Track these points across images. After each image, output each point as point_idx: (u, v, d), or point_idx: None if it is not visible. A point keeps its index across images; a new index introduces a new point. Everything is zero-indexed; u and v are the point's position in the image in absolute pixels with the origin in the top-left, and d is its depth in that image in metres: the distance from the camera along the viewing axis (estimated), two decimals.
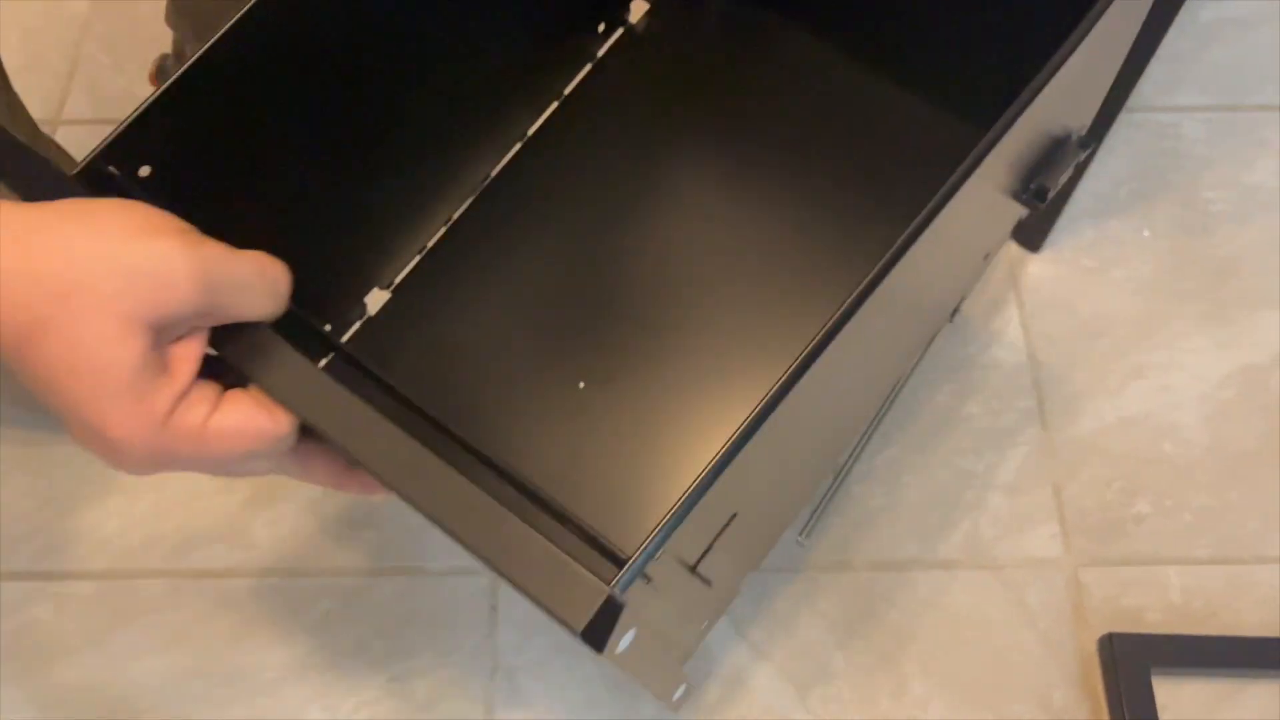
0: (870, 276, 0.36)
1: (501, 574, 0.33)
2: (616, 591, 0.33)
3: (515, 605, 0.73)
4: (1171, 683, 0.69)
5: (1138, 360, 0.81)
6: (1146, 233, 0.86)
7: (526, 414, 0.55)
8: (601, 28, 0.65)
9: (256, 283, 0.37)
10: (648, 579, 0.34)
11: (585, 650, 0.33)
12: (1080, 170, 0.77)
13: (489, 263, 0.60)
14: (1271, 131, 0.90)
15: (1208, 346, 0.81)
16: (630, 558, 0.33)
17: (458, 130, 0.58)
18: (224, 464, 0.37)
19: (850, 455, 0.75)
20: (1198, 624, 0.72)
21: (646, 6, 0.68)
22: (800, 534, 0.73)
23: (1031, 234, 0.85)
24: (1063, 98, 0.44)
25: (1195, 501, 0.75)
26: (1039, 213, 0.62)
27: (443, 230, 0.60)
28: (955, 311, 0.70)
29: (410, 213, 0.58)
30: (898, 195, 0.43)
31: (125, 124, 0.38)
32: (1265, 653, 0.70)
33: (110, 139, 0.38)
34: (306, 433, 0.38)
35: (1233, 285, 0.83)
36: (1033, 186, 0.54)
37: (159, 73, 0.80)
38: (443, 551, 0.75)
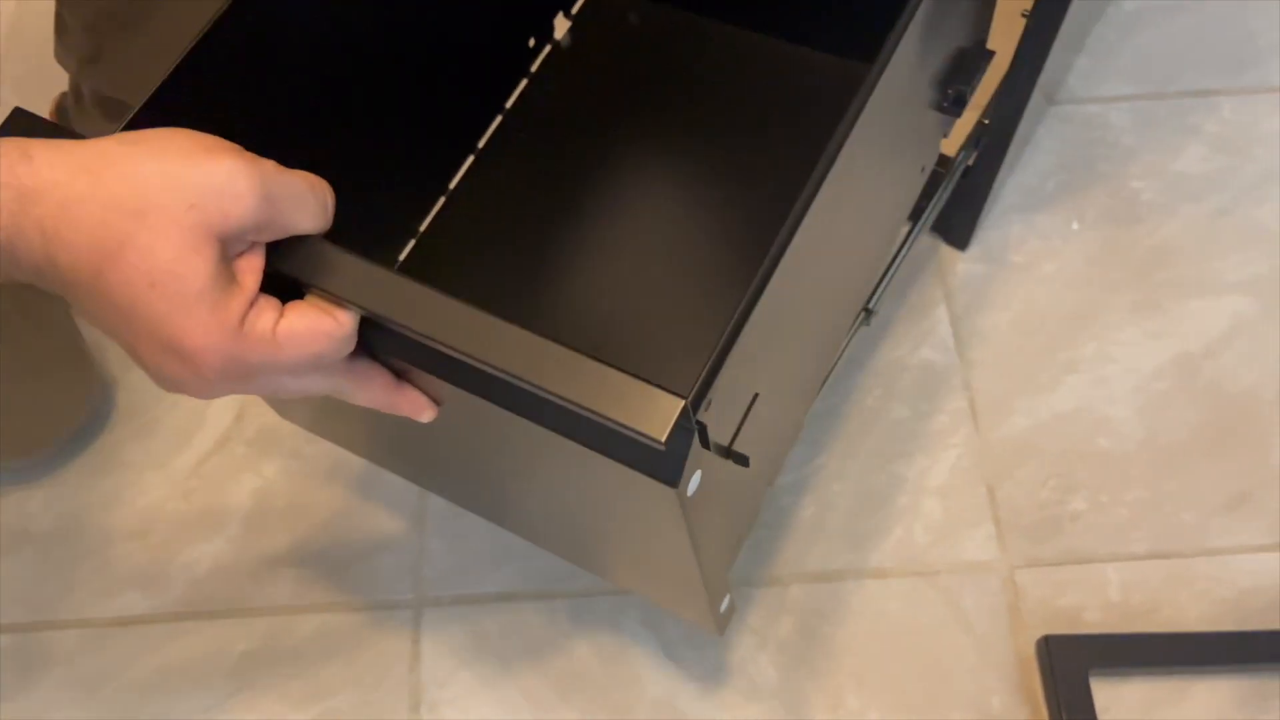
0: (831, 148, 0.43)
1: (582, 408, 0.35)
2: (690, 407, 0.35)
3: (439, 639, 0.71)
4: (1112, 684, 0.67)
5: (1070, 355, 0.79)
6: (1076, 225, 0.84)
7: None
8: (531, 42, 0.72)
9: (309, 195, 0.38)
10: (708, 407, 0.38)
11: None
12: (998, 159, 0.76)
13: (456, 272, 0.67)
14: (1197, 117, 0.89)
15: (1139, 337, 0.79)
16: (696, 382, 0.37)
17: (414, 149, 0.65)
18: (292, 370, 0.38)
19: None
20: (1138, 621, 0.70)
21: (569, 24, 0.74)
22: None
23: (959, 231, 0.83)
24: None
25: (1131, 495, 0.74)
26: (957, 115, 0.65)
27: (411, 244, 0.67)
28: (870, 313, 0.69)
29: (382, 229, 0.65)
30: (820, 131, 0.47)
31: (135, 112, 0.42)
32: (1209, 648, 0.69)
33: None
34: (363, 350, 0.41)
35: (1162, 274, 0.82)
36: (950, 93, 0.61)
37: (58, 111, 0.79)
38: (365, 585, 0.73)
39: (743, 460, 0.45)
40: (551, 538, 0.63)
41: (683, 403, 0.35)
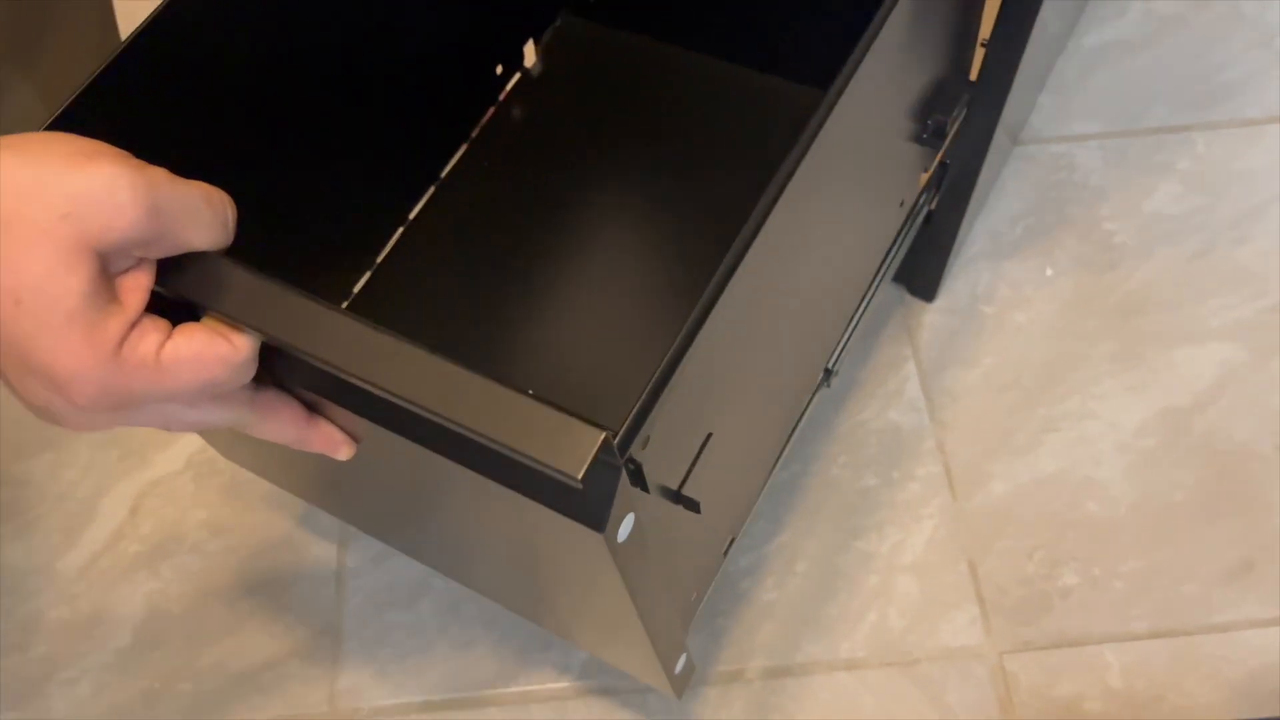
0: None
1: (493, 441, 0.32)
2: (614, 441, 0.32)
3: None
4: None
5: (1048, 412, 0.73)
6: (1049, 271, 0.79)
7: None
8: (500, 69, 0.70)
9: (204, 207, 0.35)
10: (644, 444, 0.35)
11: None
12: (963, 202, 0.70)
13: (410, 305, 0.65)
14: (1168, 154, 0.84)
15: (1120, 391, 0.73)
16: (627, 417, 0.34)
17: (374, 178, 0.63)
18: (183, 399, 0.35)
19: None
20: (1144, 710, 0.63)
21: (538, 51, 0.73)
22: None
23: (924, 281, 0.77)
24: (911, 35, 0.48)
25: (1125, 567, 0.67)
26: (937, 148, 0.62)
27: (368, 275, 0.65)
28: (831, 374, 0.62)
29: (338, 259, 0.63)
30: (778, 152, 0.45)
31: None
32: None
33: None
34: (268, 379, 0.38)
35: (1141, 322, 0.76)
36: (930, 123, 0.57)
37: None
38: (275, 699, 0.65)
39: (693, 506, 0.41)
40: (495, 587, 0.58)
41: (601, 435, 0.31)
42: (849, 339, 0.64)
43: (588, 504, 0.35)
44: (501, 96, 0.71)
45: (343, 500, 0.58)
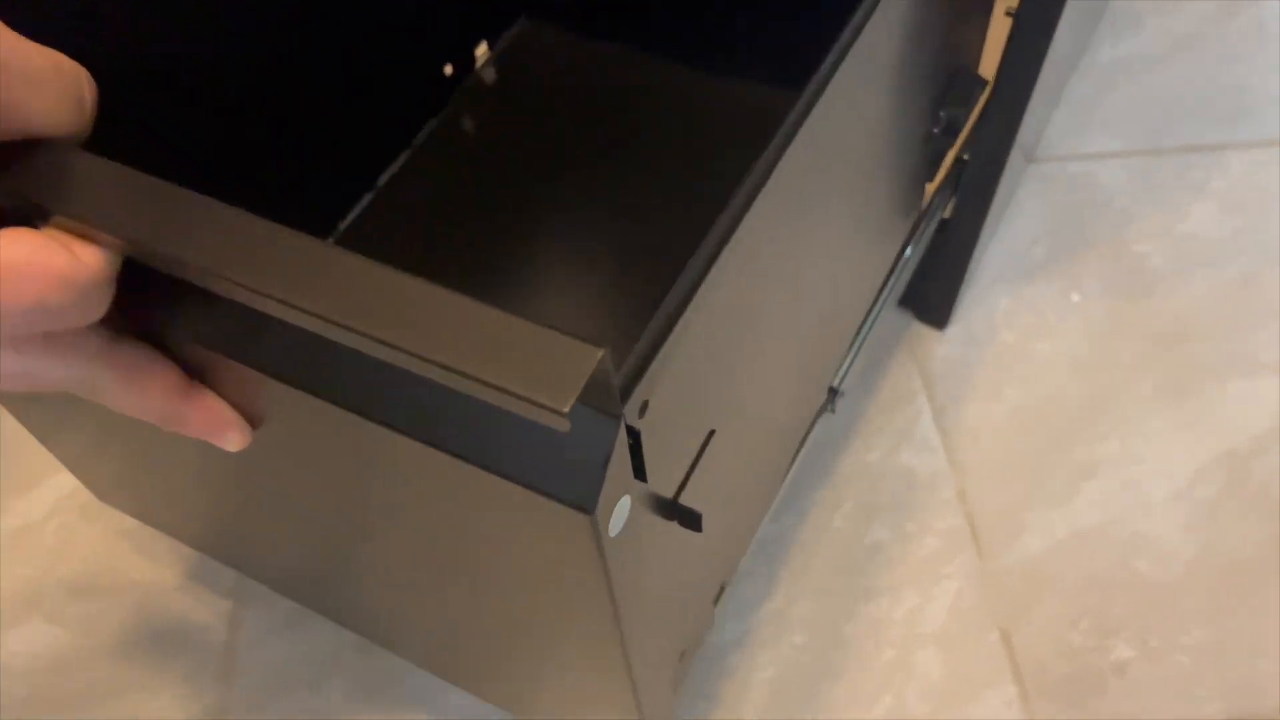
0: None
1: (443, 366, 0.21)
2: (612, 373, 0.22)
3: None
4: None
5: (1087, 454, 0.62)
6: (1076, 297, 0.69)
7: None
8: (449, 70, 0.62)
9: (51, 79, 0.27)
10: (641, 409, 0.26)
11: None
12: (980, 212, 0.60)
13: None
14: (1201, 174, 0.75)
15: (1170, 430, 0.63)
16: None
17: (302, 185, 0.54)
18: (6, 334, 0.26)
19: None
20: None
21: (491, 55, 0.64)
22: None
23: (936, 305, 0.67)
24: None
25: (1189, 638, 0.55)
26: (949, 145, 0.55)
27: None
28: (837, 395, 0.51)
29: None
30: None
31: None
32: None
33: None
34: (131, 327, 0.29)
35: (1185, 352, 0.66)
36: (942, 116, 0.50)
37: None
38: None
39: (692, 521, 0.32)
40: (432, 644, 0.46)
41: (599, 353, 0.21)
42: (855, 354, 0.53)
43: (574, 472, 0.24)
44: (450, 101, 0.63)
45: (241, 539, 0.46)
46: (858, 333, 0.54)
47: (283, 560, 0.46)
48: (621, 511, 0.25)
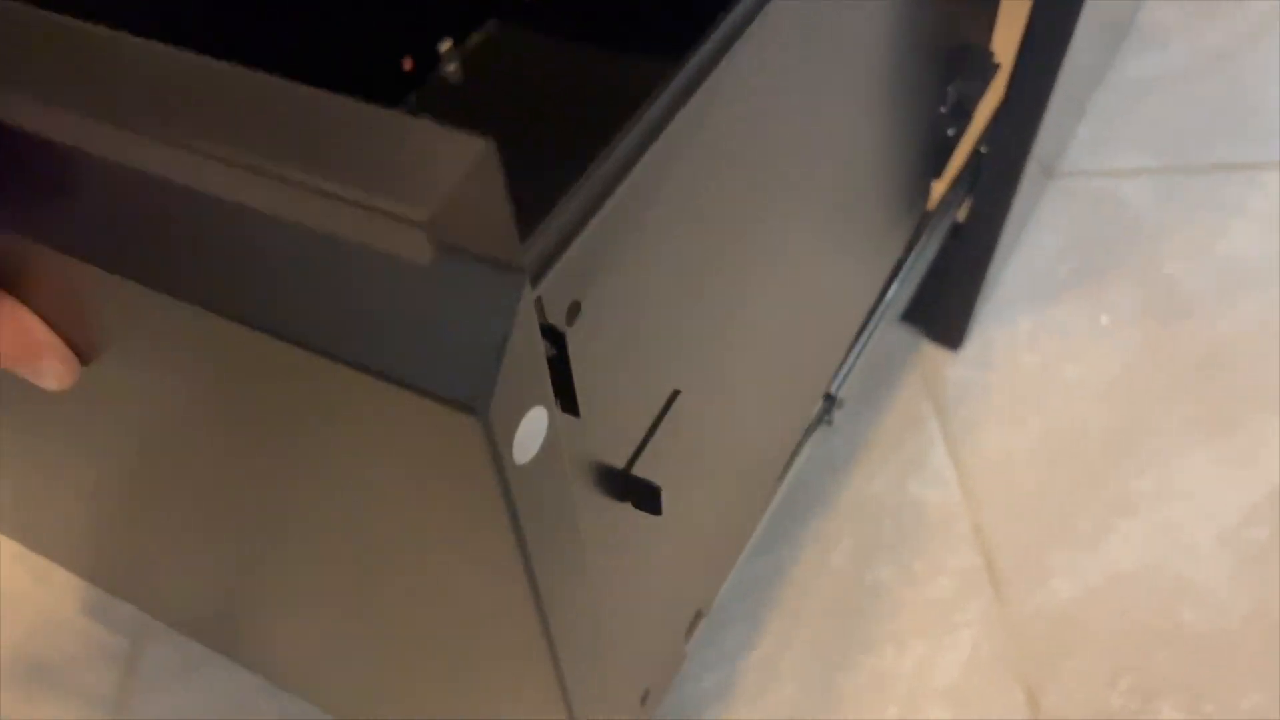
0: None
1: (262, 166, 0.14)
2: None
3: None
4: None
5: (1119, 491, 0.54)
6: (1105, 319, 0.62)
7: None
8: (409, 66, 0.56)
9: None
10: (571, 313, 0.20)
11: None
12: (997, 220, 0.54)
13: None
14: (1235, 192, 0.68)
15: (1213, 465, 0.55)
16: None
17: None
18: None
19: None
20: None
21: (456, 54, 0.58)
22: None
23: (949, 323, 0.60)
24: None
25: (1247, 700, 0.47)
26: (960, 127, 0.48)
27: None
28: (834, 403, 0.44)
29: None
30: None
31: None
32: None
33: None
34: None
35: (1229, 381, 0.59)
36: (951, 91, 0.44)
37: None
38: None
39: (650, 499, 0.26)
40: (323, 666, 0.37)
41: (480, 143, 0.14)
42: (855, 360, 0.46)
43: (456, 355, 0.16)
44: (411, 99, 0.57)
45: (122, 556, 0.39)
46: (858, 337, 0.47)
47: (164, 578, 0.38)
48: (533, 430, 0.18)
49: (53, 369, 0.24)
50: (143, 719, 0.47)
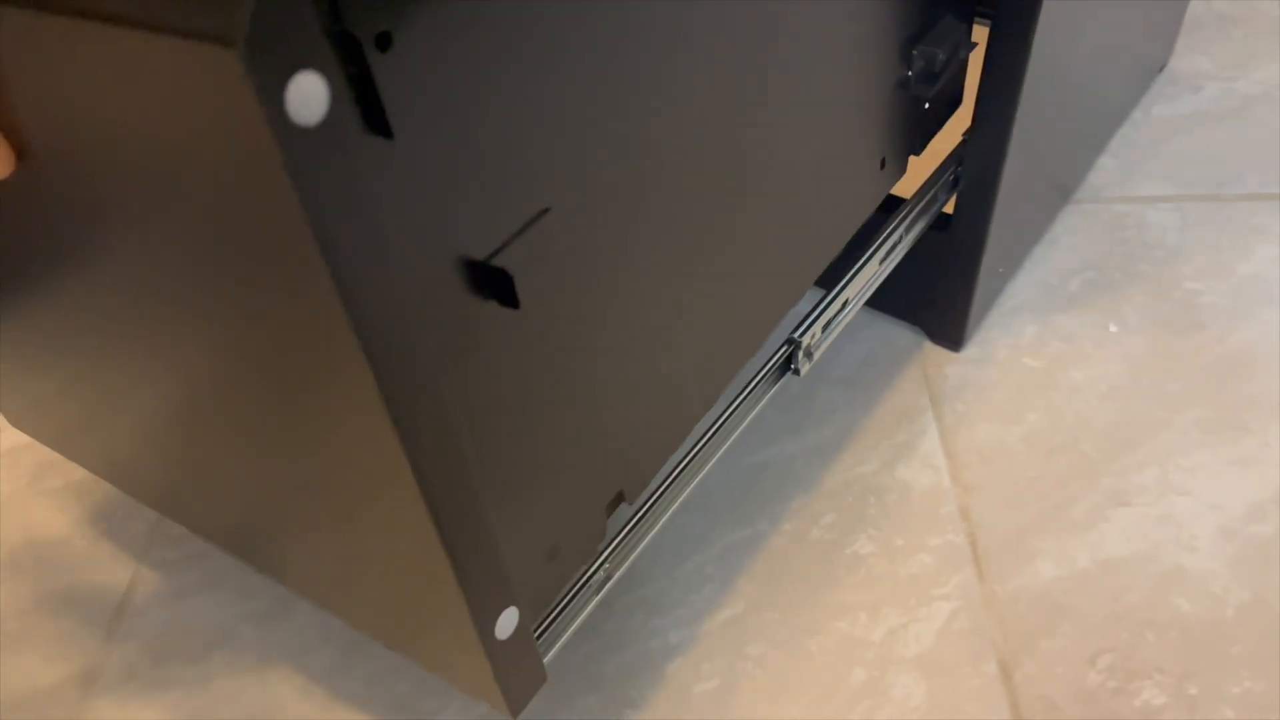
0: None
1: None
2: None
3: None
4: None
5: (1117, 483, 0.53)
6: (1114, 328, 0.61)
7: None
8: None
9: None
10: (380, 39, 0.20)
11: None
12: (984, 210, 0.54)
13: None
14: (1263, 219, 0.68)
15: (1219, 464, 0.53)
16: None
17: None
18: None
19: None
20: None
21: None
22: None
23: (947, 326, 0.60)
24: None
25: (1237, 687, 0.45)
26: (926, 94, 0.49)
27: None
28: (798, 349, 0.45)
29: None
30: None
31: None
32: None
33: None
34: None
35: (1240, 387, 0.57)
36: (916, 54, 0.45)
37: None
38: None
39: (506, 293, 0.27)
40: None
41: None
42: (829, 320, 0.47)
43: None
44: None
45: (111, 436, 0.41)
46: (828, 294, 0.48)
47: (129, 433, 0.40)
48: (310, 94, 0.19)
49: None
50: (136, 635, 0.49)
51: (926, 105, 0.50)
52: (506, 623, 0.31)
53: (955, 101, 0.53)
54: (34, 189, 0.28)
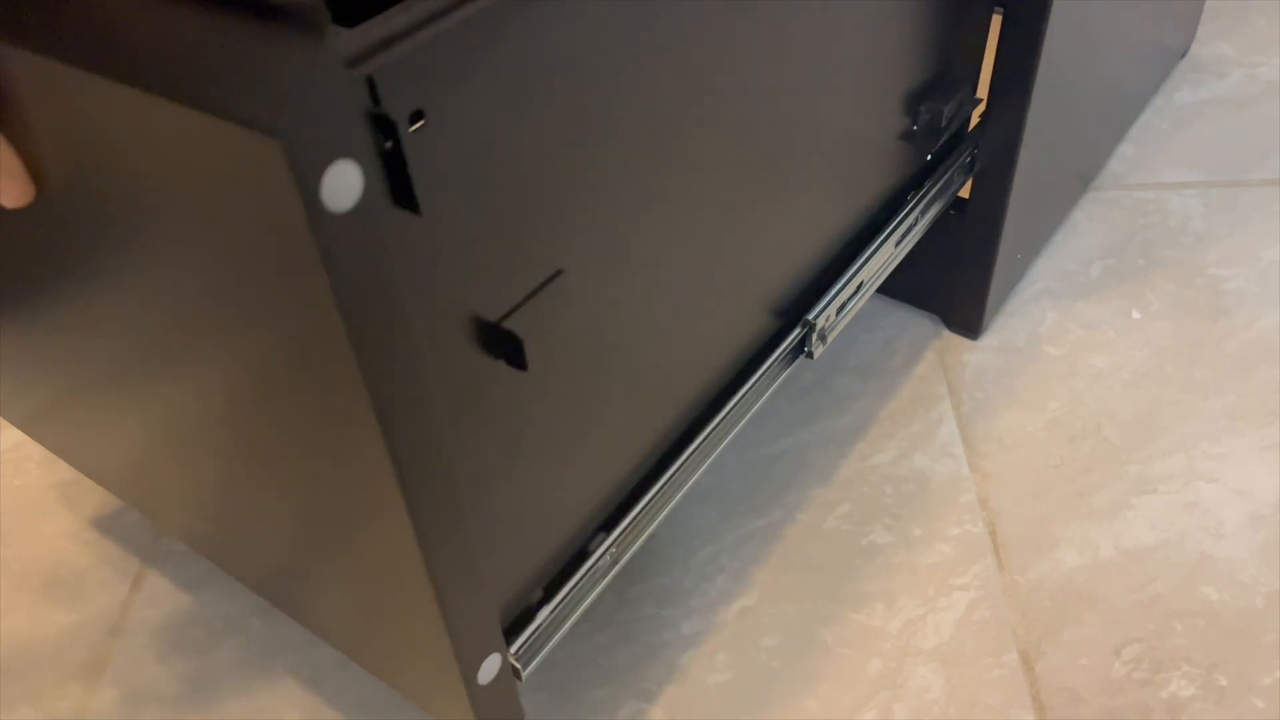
0: None
1: None
2: None
3: None
4: None
5: (1142, 471, 0.52)
6: (1136, 314, 0.60)
7: None
8: None
9: None
10: (413, 116, 0.21)
11: None
12: (996, 211, 0.53)
13: None
14: None
15: (1250, 451, 0.52)
16: None
17: None
18: None
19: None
20: None
21: None
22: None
23: (966, 314, 0.59)
24: None
25: (1267, 676, 0.44)
26: (935, 145, 0.50)
27: None
28: (813, 331, 0.44)
29: None
30: None
31: None
32: None
33: None
34: None
35: (1270, 373, 0.56)
36: (924, 110, 0.46)
37: None
38: None
39: (516, 357, 0.27)
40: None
41: None
42: (844, 303, 0.46)
43: (269, 91, 0.19)
44: None
45: (107, 450, 0.41)
46: (840, 275, 0.46)
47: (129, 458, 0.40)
48: (345, 181, 0.20)
49: (8, 189, 0.27)
50: (141, 629, 0.49)
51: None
52: (490, 668, 0.31)
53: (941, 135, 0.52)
54: (49, 221, 0.28)
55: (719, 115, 0.33)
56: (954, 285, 0.58)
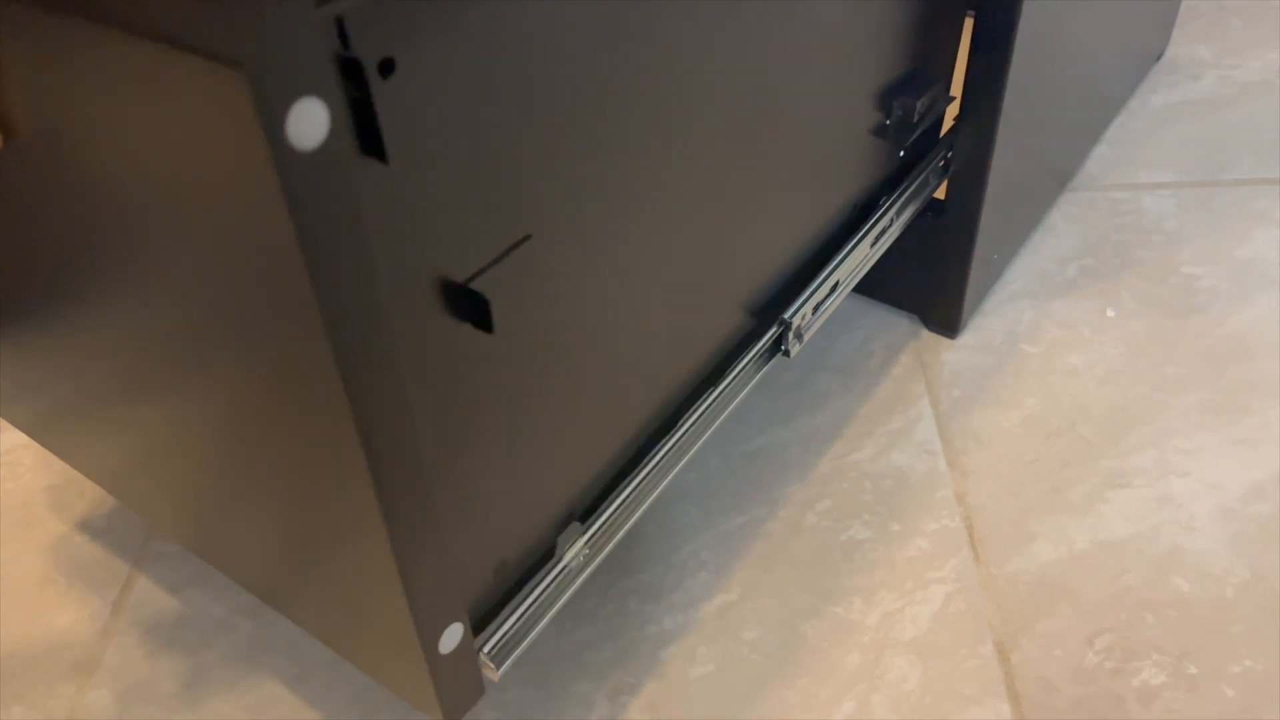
0: None
1: None
2: None
3: None
4: None
5: (1115, 465, 0.53)
6: (1111, 312, 0.61)
7: None
8: None
9: None
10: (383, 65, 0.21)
11: None
12: (975, 199, 0.54)
13: None
14: (1263, 203, 0.67)
15: (1219, 446, 0.53)
16: None
17: None
18: None
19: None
20: None
21: None
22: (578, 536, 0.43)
23: (943, 313, 0.60)
24: None
25: (1237, 666, 0.44)
26: (907, 141, 0.51)
27: None
28: (789, 329, 0.45)
29: None
30: None
31: None
32: None
33: None
34: None
35: (1241, 371, 0.57)
36: (895, 106, 0.47)
37: None
38: None
39: (482, 318, 0.27)
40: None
41: None
42: (820, 302, 0.47)
43: (228, 18, 0.19)
44: None
45: (97, 442, 0.41)
46: (817, 274, 0.47)
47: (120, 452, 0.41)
48: (310, 120, 0.20)
49: None
50: (133, 628, 0.49)
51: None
52: (451, 638, 0.31)
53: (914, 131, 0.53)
54: (23, 173, 0.29)
55: (695, 99, 0.34)
56: (932, 285, 0.59)
